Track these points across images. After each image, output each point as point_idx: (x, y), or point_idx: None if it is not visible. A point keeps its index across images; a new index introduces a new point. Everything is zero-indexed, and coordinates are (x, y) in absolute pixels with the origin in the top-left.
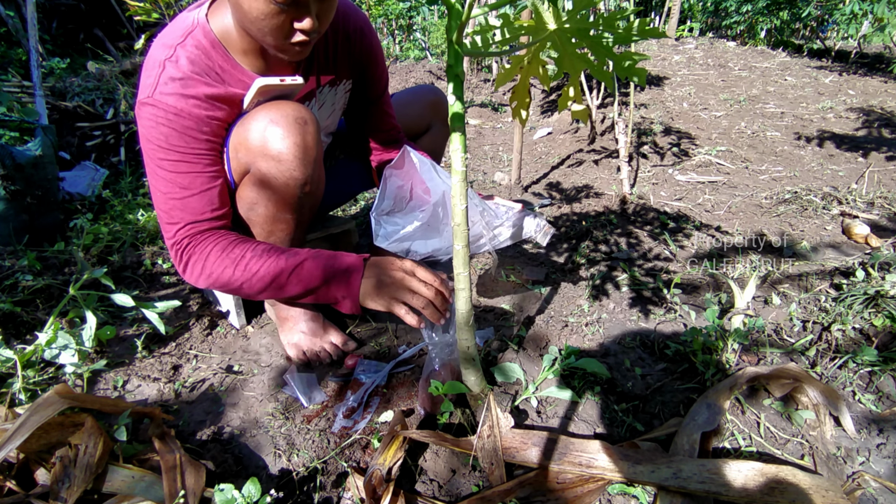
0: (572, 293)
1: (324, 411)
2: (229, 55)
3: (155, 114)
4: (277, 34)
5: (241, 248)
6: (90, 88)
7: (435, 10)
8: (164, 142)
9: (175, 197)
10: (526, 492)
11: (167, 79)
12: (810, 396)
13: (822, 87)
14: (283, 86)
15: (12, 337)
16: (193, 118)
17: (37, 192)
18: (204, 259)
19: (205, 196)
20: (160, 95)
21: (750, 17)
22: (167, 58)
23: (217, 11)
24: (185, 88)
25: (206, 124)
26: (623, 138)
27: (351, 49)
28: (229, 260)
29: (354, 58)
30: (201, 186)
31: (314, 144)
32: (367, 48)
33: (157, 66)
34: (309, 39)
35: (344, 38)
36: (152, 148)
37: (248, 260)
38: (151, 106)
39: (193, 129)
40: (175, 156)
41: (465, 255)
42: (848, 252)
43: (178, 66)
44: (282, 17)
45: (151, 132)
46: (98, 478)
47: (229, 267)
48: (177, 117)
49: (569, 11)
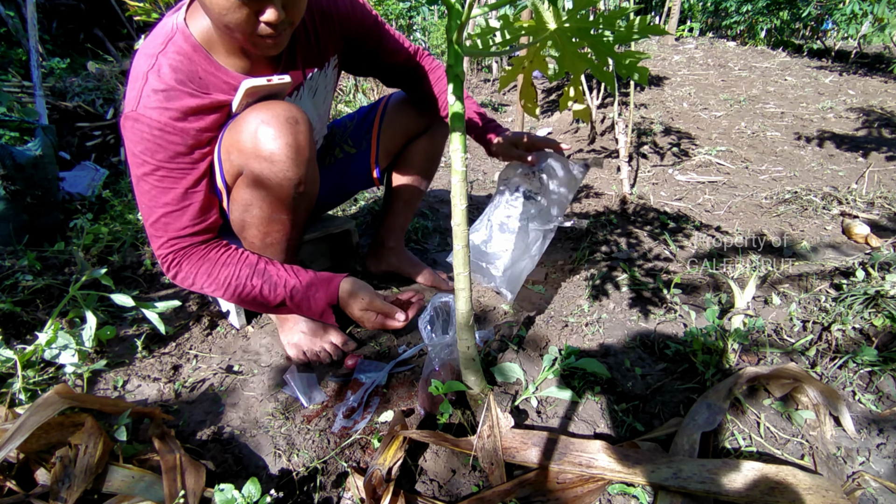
0: (572, 293)
1: (324, 411)
2: (211, 58)
3: (139, 128)
4: (244, 28)
5: (227, 272)
6: (90, 88)
7: (435, 10)
8: (148, 157)
9: (158, 213)
10: (526, 492)
11: (150, 91)
12: (810, 396)
13: (822, 87)
14: (271, 86)
15: (12, 337)
16: (178, 132)
17: (37, 192)
18: (193, 277)
19: (187, 212)
20: (143, 109)
21: (750, 17)
22: (149, 68)
23: (195, 14)
24: (168, 101)
25: (191, 137)
26: (623, 138)
27: (331, 25)
28: (217, 283)
29: (335, 32)
30: (184, 202)
31: (307, 144)
32: (345, 14)
33: (140, 78)
34: (277, 32)
35: (321, 17)
36: (137, 162)
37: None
38: (135, 120)
39: (178, 144)
40: (160, 171)
41: (465, 255)
42: (848, 252)
43: (161, 76)
44: (244, 11)
45: (136, 146)
46: (98, 478)
47: (218, 290)
48: (161, 132)
49: (569, 11)
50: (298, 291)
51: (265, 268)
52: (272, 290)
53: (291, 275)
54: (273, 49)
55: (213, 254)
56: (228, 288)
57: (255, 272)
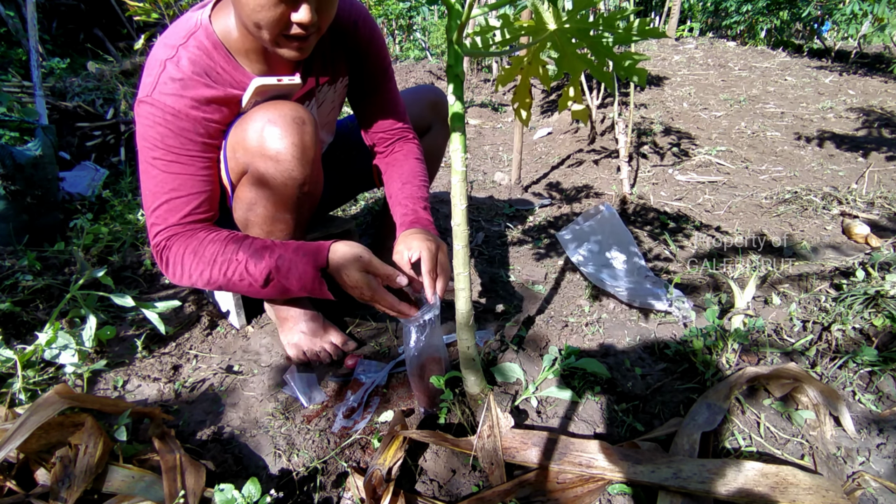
0: (572, 293)
1: (324, 411)
2: (231, 56)
3: (153, 113)
4: (274, 27)
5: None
6: (90, 88)
7: (435, 10)
8: (159, 141)
9: (162, 198)
10: (526, 492)
11: (167, 79)
12: (810, 396)
13: (822, 87)
14: (281, 86)
15: (12, 337)
16: (191, 119)
17: (37, 192)
18: (181, 258)
19: (192, 199)
20: (159, 95)
21: (750, 17)
22: (168, 58)
23: (220, 13)
24: (184, 89)
25: (202, 126)
26: (623, 138)
27: (345, 43)
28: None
29: (348, 52)
30: (190, 189)
31: (312, 144)
32: (361, 41)
33: (158, 65)
34: (307, 34)
35: (339, 33)
36: (147, 147)
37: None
38: (150, 105)
39: (190, 131)
40: (169, 156)
41: (466, 255)
42: (848, 252)
43: (179, 66)
44: (279, 9)
45: (148, 131)
46: (98, 478)
47: (206, 269)
48: (174, 118)
49: (569, 11)
50: (285, 259)
51: (252, 241)
52: (257, 262)
53: (279, 244)
54: (299, 53)
55: (202, 233)
56: (214, 265)
57: (241, 246)
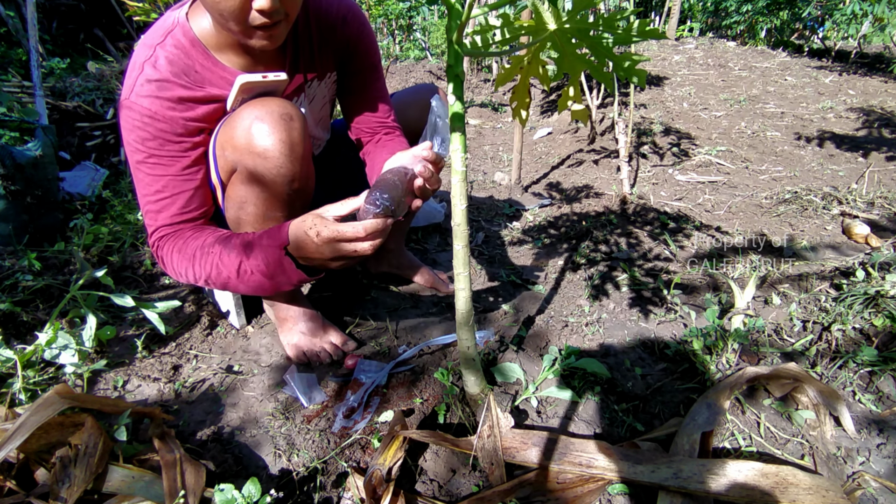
0: (572, 293)
1: (324, 411)
2: (209, 53)
3: (132, 116)
4: (238, 17)
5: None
6: (90, 88)
7: (435, 10)
8: (141, 144)
9: (151, 200)
10: (526, 492)
11: (144, 81)
12: (810, 396)
13: (822, 87)
14: (266, 82)
15: (12, 337)
16: (168, 120)
17: (37, 192)
18: (171, 256)
19: (178, 199)
20: (136, 98)
21: (750, 17)
22: (146, 59)
23: (197, 10)
24: (160, 91)
25: (181, 126)
26: (623, 138)
27: (333, 38)
28: (186, 258)
29: (336, 48)
30: (174, 190)
31: (301, 140)
32: (350, 37)
33: (136, 68)
34: (272, 21)
35: (326, 28)
36: (131, 150)
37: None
38: (128, 108)
39: (168, 132)
40: (152, 158)
41: (466, 255)
42: (848, 252)
43: (157, 66)
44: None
45: (129, 135)
46: (98, 478)
47: (190, 266)
48: (151, 119)
49: (569, 12)
50: (252, 246)
51: (230, 236)
52: (229, 253)
53: (251, 235)
54: (268, 42)
55: (189, 232)
56: (195, 261)
57: (217, 241)
